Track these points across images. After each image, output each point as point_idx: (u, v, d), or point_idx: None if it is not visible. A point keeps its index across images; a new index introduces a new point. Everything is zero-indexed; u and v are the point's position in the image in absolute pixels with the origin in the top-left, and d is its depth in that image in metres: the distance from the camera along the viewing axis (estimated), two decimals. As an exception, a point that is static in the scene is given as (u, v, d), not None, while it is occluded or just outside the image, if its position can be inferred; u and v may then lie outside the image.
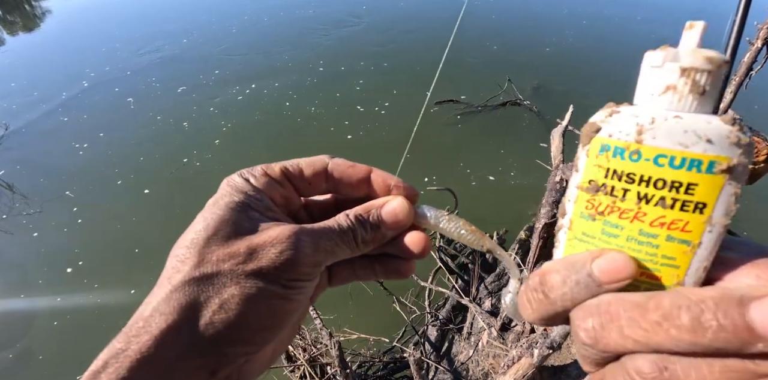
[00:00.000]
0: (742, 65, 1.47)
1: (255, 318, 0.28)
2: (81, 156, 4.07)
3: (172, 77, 5.28)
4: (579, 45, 5.65)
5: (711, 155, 0.20)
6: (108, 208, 3.48)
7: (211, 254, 0.28)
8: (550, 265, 0.23)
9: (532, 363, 1.26)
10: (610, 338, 0.20)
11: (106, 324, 2.60)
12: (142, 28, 6.91)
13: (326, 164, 0.34)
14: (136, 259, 3.04)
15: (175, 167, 3.85)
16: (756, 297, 0.17)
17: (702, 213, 0.21)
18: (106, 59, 5.87)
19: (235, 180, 0.32)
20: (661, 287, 0.22)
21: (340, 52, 5.72)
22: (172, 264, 0.29)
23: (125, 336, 0.26)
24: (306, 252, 0.30)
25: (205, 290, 0.27)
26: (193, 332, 0.27)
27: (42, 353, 2.55)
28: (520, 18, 6.57)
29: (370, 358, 2.16)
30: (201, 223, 0.30)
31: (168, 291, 0.27)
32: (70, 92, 5.09)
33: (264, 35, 6.45)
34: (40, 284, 2.93)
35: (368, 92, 4.75)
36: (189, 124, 4.44)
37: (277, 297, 0.29)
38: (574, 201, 0.24)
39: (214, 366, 0.28)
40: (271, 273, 0.28)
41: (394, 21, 6.54)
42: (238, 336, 0.28)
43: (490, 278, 2.35)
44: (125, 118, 4.56)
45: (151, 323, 0.26)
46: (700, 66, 0.21)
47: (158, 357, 0.26)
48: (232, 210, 0.30)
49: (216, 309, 0.27)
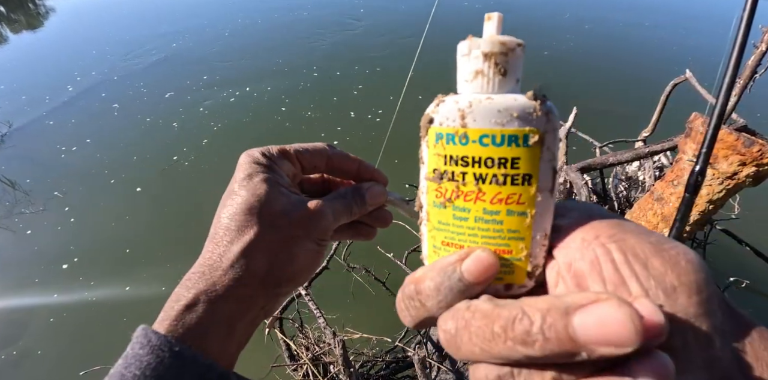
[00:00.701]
0: (746, 68, 1.48)
1: (304, 266, 0.39)
2: (68, 158, 4.09)
3: (160, 81, 5.27)
4: (581, 48, 5.64)
5: (524, 129, 0.22)
6: (101, 207, 3.50)
7: (275, 220, 0.37)
8: (423, 272, 0.24)
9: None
10: (462, 344, 0.20)
11: (101, 319, 2.63)
12: (134, 31, 6.88)
13: (327, 153, 0.44)
14: (129, 256, 3.07)
15: (167, 164, 3.90)
16: (580, 306, 0.18)
17: (530, 185, 0.22)
18: (95, 63, 5.86)
19: (259, 158, 0.40)
20: (513, 261, 0.23)
21: (336, 55, 5.71)
22: (235, 224, 0.37)
23: (209, 278, 0.35)
24: (330, 220, 0.40)
25: (278, 246, 0.37)
26: (264, 276, 0.37)
27: (41, 349, 2.57)
28: (522, 19, 6.57)
29: (373, 358, 2.17)
30: (246, 194, 0.37)
31: (245, 246, 0.36)
32: (57, 96, 5.08)
33: (257, 38, 6.44)
34: (36, 281, 2.95)
35: (364, 97, 4.75)
36: (178, 124, 4.48)
37: (314, 252, 0.40)
38: (425, 193, 0.25)
39: (267, 302, 0.38)
40: (312, 235, 0.39)
41: (393, 24, 6.52)
42: (294, 280, 0.39)
43: (493, 279, 2.36)
44: (112, 123, 4.58)
45: (247, 271, 0.36)
46: (498, 50, 0.23)
47: (237, 294, 0.35)
48: (268, 184, 0.38)
49: (284, 260, 0.37)
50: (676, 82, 2.21)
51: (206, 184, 3.47)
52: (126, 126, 4.45)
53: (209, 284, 0.34)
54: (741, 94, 1.48)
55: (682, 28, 6.20)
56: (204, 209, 0.51)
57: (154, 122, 4.48)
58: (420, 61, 5.52)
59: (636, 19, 6.36)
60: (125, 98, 4.94)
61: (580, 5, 7.09)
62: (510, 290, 0.24)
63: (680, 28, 6.15)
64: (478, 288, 0.22)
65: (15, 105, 4.91)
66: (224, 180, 0.39)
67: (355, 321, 2.29)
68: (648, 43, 5.66)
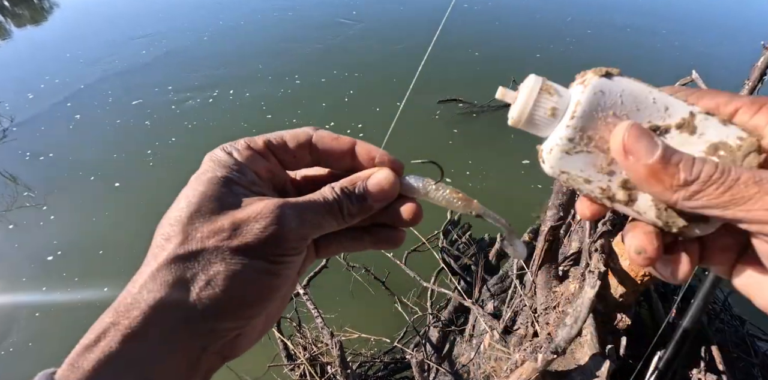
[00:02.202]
0: (755, 69, 1.45)
1: (242, 294, 0.28)
2: (44, 162, 4.08)
3: (127, 88, 5.16)
4: (592, 47, 5.60)
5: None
6: (79, 204, 3.53)
7: (195, 231, 0.28)
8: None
9: (536, 367, 1.24)
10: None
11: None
12: (111, 34, 6.70)
13: (310, 136, 0.34)
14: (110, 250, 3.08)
15: (142, 160, 3.95)
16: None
17: None
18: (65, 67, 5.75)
19: (218, 154, 0.31)
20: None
21: (321, 61, 5.56)
22: (157, 242, 0.29)
23: (114, 312, 0.26)
24: (291, 226, 0.29)
25: (191, 267, 0.27)
26: (181, 308, 0.27)
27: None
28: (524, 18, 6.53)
29: (371, 358, 2.15)
30: (184, 200, 0.29)
31: (154, 268, 0.27)
32: (14, 102, 5.00)
33: (238, 44, 6.21)
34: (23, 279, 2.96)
35: (349, 104, 4.66)
36: (151, 123, 4.49)
37: (263, 272, 0.29)
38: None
39: (205, 341, 0.28)
40: (257, 249, 0.28)
41: (386, 27, 6.40)
42: (226, 311, 0.28)
43: (493, 280, 2.34)
44: (79, 129, 4.56)
45: (140, 299, 0.26)
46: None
47: (148, 332, 0.26)
48: (215, 185, 0.30)
49: (203, 286, 0.27)
50: (682, 82, 2.19)
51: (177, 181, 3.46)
52: (98, 132, 4.41)
53: (113, 317, 0.26)
54: (750, 95, 1.46)
55: (688, 33, 6.16)
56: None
57: (125, 124, 4.48)
58: (413, 68, 5.44)
59: (645, 23, 6.31)
60: (88, 107, 4.83)
61: (584, 5, 7.06)
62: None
63: (686, 33, 6.10)
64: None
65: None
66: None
67: (354, 321, 2.28)
68: (653, 46, 5.63)
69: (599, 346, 1.34)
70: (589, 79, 0.28)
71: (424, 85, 4.44)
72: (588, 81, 0.28)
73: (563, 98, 0.29)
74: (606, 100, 0.28)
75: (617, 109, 0.28)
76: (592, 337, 1.36)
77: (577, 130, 0.28)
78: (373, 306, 2.56)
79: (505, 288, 2.25)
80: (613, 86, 0.28)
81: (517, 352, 1.46)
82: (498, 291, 2.27)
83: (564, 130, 0.28)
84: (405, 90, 3.83)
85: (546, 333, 1.50)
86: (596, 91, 0.28)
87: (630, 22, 6.40)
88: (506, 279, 2.31)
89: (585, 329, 1.36)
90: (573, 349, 1.38)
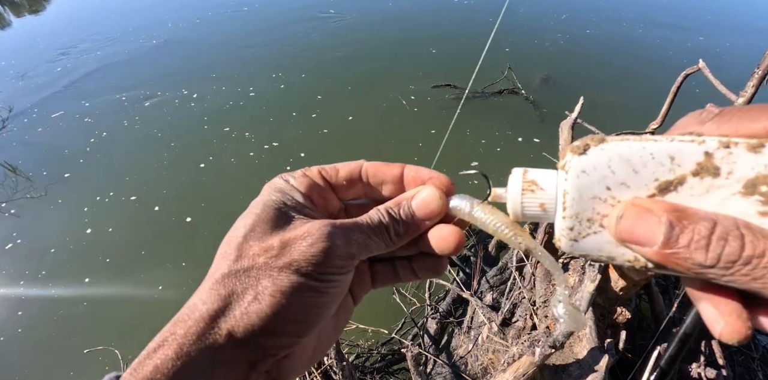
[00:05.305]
0: (765, 58, 1.41)
1: (287, 310, 0.29)
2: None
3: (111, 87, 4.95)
4: (591, 41, 5.50)
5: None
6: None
7: (249, 249, 0.30)
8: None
9: (534, 361, 1.22)
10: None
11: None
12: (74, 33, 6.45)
13: (361, 165, 0.36)
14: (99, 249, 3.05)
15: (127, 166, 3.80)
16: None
17: None
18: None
19: (275, 181, 0.34)
20: None
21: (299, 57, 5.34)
22: (216, 260, 0.31)
23: (174, 322, 0.28)
24: (337, 244, 0.30)
25: (242, 282, 0.29)
26: (230, 320, 0.28)
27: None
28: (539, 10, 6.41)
29: (368, 350, 2.15)
30: (241, 222, 0.31)
31: (211, 283, 0.29)
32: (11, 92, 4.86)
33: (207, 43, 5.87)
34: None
35: (331, 103, 4.43)
36: (129, 122, 4.33)
37: (309, 289, 0.30)
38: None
39: (253, 357, 0.29)
40: (303, 266, 0.29)
41: (380, 19, 6.24)
42: (272, 326, 0.29)
43: (492, 272, 2.32)
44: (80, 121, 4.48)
45: (195, 311, 0.28)
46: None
47: (202, 343, 0.27)
48: (270, 208, 0.32)
49: (250, 300, 0.29)
50: (688, 72, 2.13)
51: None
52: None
53: (173, 326, 0.28)
54: (759, 85, 1.41)
55: (693, 28, 6.04)
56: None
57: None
58: (412, 68, 5.25)
59: (650, 15, 6.17)
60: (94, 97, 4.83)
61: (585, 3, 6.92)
62: None
63: (692, 28, 5.98)
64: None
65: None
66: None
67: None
68: (659, 38, 5.52)
69: (598, 340, 1.33)
70: (568, 161, 0.26)
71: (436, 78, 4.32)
72: (567, 165, 0.26)
73: (548, 192, 0.28)
74: (593, 179, 0.25)
75: (610, 181, 0.25)
76: (591, 331, 1.34)
77: (575, 219, 0.26)
78: (371, 297, 2.53)
79: (505, 279, 2.23)
80: (596, 161, 0.25)
81: (515, 345, 1.44)
82: (497, 283, 2.26)
83: (562, 222, 0.27)
84: (406, 87, 3.74)
85: (544, 326, 1.48)
86: (578, 174, 0.25)
87: (631, 17, 6.28)
88: (505, 270, 2.29)
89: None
90: (571, 343, 1.37)
